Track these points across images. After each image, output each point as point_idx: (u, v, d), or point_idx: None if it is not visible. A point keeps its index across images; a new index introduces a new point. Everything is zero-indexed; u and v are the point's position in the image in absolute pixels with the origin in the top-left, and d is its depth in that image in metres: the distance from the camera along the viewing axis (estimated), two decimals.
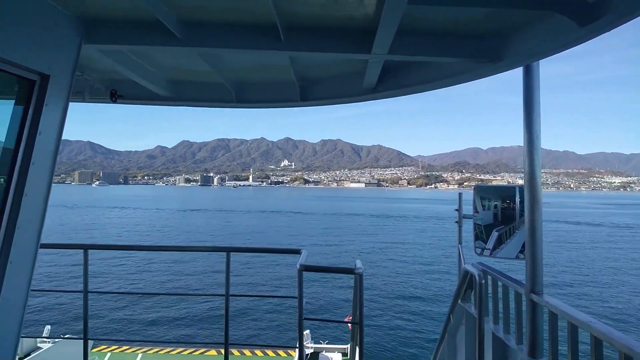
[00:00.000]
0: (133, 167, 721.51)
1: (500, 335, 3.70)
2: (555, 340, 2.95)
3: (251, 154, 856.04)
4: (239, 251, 4.59)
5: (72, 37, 2.75)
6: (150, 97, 4.38)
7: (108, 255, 31.02)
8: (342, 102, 4.38)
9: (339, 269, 4.21)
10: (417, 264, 34.05)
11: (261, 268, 30.75)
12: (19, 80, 2.45)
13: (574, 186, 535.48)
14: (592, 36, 2.22)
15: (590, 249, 43.53)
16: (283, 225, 63.40)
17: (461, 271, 4.55)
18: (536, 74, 3.22)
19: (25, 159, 2.51)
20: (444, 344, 4.91)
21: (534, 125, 3.20)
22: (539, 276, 3.13)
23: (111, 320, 18.89)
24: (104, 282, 25.85)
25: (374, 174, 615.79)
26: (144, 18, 2.77)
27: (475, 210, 4.28)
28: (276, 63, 3.84)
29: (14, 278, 2.53)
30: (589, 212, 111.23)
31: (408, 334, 18.35)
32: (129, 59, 3.54)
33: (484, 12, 2.63)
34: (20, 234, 2.51)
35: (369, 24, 2.73)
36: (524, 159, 3.23)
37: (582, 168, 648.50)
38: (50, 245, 4.52)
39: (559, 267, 32.25)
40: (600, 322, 2.44)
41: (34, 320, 17.72)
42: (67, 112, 2.82)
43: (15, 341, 2.69)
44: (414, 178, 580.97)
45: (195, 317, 19.58)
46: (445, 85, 3.60)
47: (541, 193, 3.20)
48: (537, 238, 3.13)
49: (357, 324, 3.80)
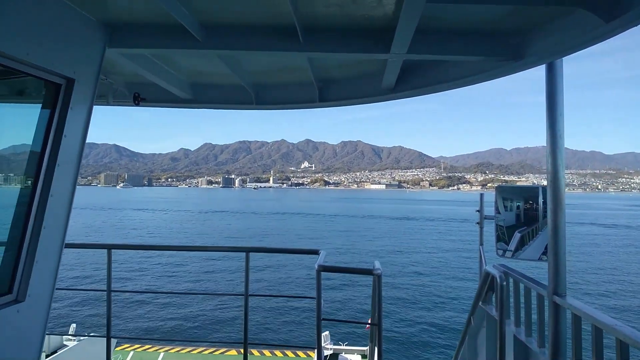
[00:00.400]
0: (157, 170, 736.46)
1: (521, 338, 3.61)
2: (578, 343, 2.86)
3: (272, 156, 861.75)
4: (258, 251, 4.63)
5: (96, 41, 2.84)
6: (171, 100, 4.47)
7: (131, 255, 31.82)
8: (361, 103, 4.37)
9: (357, 270, 4.19)
10: (439, 265, 33.65)
11: (280, 268, 31.00)
12: (46, 84, 2.54)
13: (602, 187, 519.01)
14: (618, 32, 2.17)
15: (627, 254, 41.67)
16: (303, 227, 63.44)
17: (482, 273, 4.47)
18: (559, 71, 3.14)
19: (51, 161, 2.59)
20: (464, 346, 4.82)
21: (557, 124, 3.12)
22: (562, 278, 3.04)
23: (133, 318, 19.34)
24: (127, 281, 26.47)
25: (395, 176, 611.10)
26: (165, 22, 2.83)
27: (497, 211, 4.19)
28: (295, 64, 3.87)
29: (39, 277, 2.62)
30: (621, 213, 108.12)
31: (428, 336, 18.15)
32: (151, 63, 3.63)
33: (505, 9, 2.59)
34: (45, 234, 2.59)
35: (387, 23, 2.72)
36: (547, 158, 3.15)
37: (610, 168, 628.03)
38: (75, 245, 4.64)
39: (595, 273, 30.88)
40: (626, 326, 2.36)
41: (61, 318, 18.28)
42: (92, 115, 2.91)
43: (41, 338, 2.77)
44: (436, 179, 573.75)
45: (215, 316, 19.86)
46: (465, 84, 3.55)
47: (564, 193, 3.12)
48: (559, 239, 3.05)
49: (376, 324, 3.77)
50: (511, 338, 3.72)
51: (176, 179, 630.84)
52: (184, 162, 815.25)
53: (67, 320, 17.21)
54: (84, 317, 18.87)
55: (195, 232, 54.76)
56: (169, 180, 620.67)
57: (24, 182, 2.60)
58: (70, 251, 4.32)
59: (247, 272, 4.25)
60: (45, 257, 2.65)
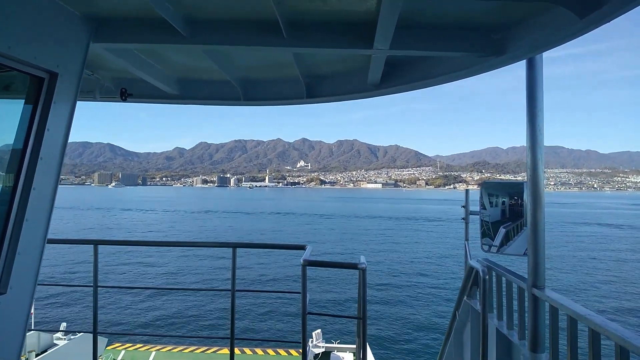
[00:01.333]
0: (152, 169, 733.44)
1: (503, 331, 3.66)
2: (555, 333, 2.92)
3: (267, 155, 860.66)
4: (245, 247, 4.64)
5: (80, 36, 2.84)
6: (159, 96, 4.47)
7: (117, 250, 31.81)
8: (347, 99, 4.40)
9: (342, 264, 4.20)
10: (430, 263, 33.88)
11: (267, 264, 31.23)
12: (29, 78, 2.54)
13: (598, 186, 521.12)
14: (591, 28, 2.22)
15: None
16: (294, 227, 62.97)
17: (466, 268, 4.51)
18: (539, 67, 3.18)
19: (33, 155, 2.59)
20: (450, 340, 4.87)
21: (537, 119, 3.16)
22: (541, 271, 3.10)
23: (121, 314, 19.44)
24: (114, 277, 26.63)
25: (391, 175, 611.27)
26: (150, 17, 2.83)
27: (482, 207, 4.23)
28: (281, 60, 3.89)
29: (22, 270, 2.62)
30: (624, 213, 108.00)
31: (416, 330, 18.34)
32: (137, 58, 3.63)
33: (486, 5, 2.62)
34: (28, 227, 2.60)
35: (370, 18, 2.74)
36: (527, 153, 3.19)
37: (605, 167, 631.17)
38: (61, 240, 4.62)
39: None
40: (598, 315, 2.41)
41: (50, 315, 18.28)
42: (75, 109, 2.91)
43: (23, 330, 2.77)
44: (432, 178, 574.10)
45: (202, 312, 20.01)
46: (448, 80, 3.59)
47: (544, 188, 3.17)
48: (539, 233, 3.10)
49: (361, 318, 3.79)
50: (494, 331, 3.77)
51: (171, 178, 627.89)
52: (179, 161, 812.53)
53: (57, 318, 17.18)
54: (75, 314, 18.90)
55: (182, 232, 54.21)
56: (164, 179, 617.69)
57: (6, 175, 2.60)
58: (56, 247, 4.31)
59: (234, 268, 4.25)
60: (28, 250, 2.65)
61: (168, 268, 30.24)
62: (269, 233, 55.32)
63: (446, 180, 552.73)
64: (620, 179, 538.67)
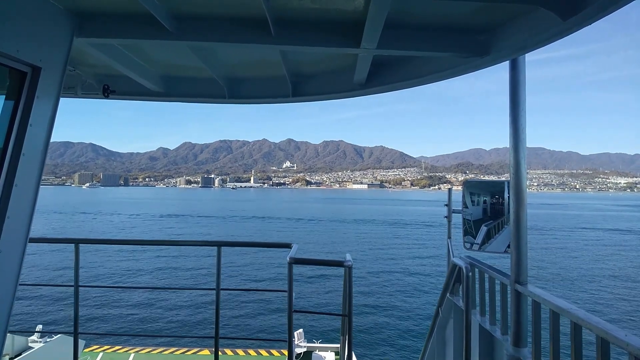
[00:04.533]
0: (135, 169, 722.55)
1: (486, 327, 3.74)
2: (538, 328, 2.99)
3: (253, 156, 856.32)
4: (230, 245, 4.63)
5: (63, 30, 2.79)
6: (142, 93, 4.42)
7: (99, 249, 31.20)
8: (333, 98, 4.41)
9: (328, 262, 4.23)
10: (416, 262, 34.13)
11: (253, 263, 31.01)
12: (11, 72, 2.50)
13: (580, 187, 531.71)
14: (575, 29, 2.26)
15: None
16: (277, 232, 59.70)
17: (449, 265, 4.59)
18: (522, 68, 3.26)
19: (15, 150, 2.54)
20: (433, 337, 4.94)
21: (520, 119, 3.23)
22: (524, 267, 3.17)
23: (102, 315, 19.00)
24: (95, 277, 26.10)
25: (377, 175, 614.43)
26: (135, 11, 2.81)
27: (464, 206, 4.31)
28: (268, 58, 3.88)
29: (3, 269, 2.56)
30: (616, 215, 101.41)
31: (399, 328, 18.50)
32: (121, 54, 3.58)
33: (472, 6, 2.66)
34: (9, 224, 2.54)
35: (358, 17, 2.76)
36: (510, 152, 3.26)
37: (586, 169, 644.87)
38: (41, 239, 4.52)
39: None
40: (580, 309, 2.48)
41: (26, 315, 17.80)
42: (59, 104, 2.87)
43: (3, 331, 2.71)
44: (417, 179, 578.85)
45: (186, 311, 19.74)
46: (434, 80, 3.63)
47: (526, 186, 3.24)
48: (521, 229, 3.17)
49: (346, 316, 3.82)
50: (477, 327, 3.84)
51: (154, 178, 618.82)
52: (162, 161, 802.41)
53: (33, 319, 16.74)
54: (52, 315, 18.44)
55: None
56: (147, 180, 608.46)
57: None
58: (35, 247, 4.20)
59: (218, 267, 4.23)
60: (9, 248, 2.58)
61: (151, 267, 29.74)
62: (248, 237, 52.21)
63: (431, 181, 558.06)
64: (600, 180, 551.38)
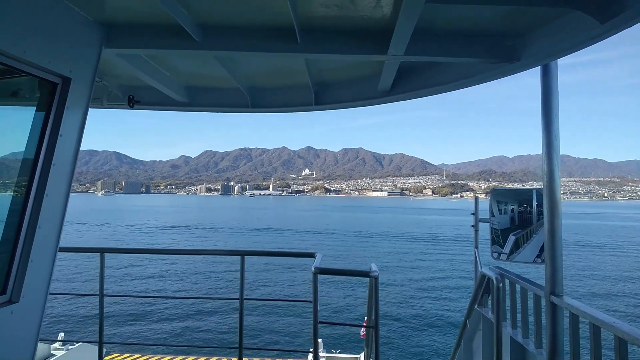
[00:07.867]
0: (157, 177, 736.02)
1: (518, 340, 3.60)
2: (576, 342, 2.86)
3: (272, 163, 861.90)
4: (254, 254, 4.61)
5: (93, 41, 2.86)
6: (166, 103, 4.49)
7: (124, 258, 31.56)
8: (356, 106, 4.39)
9: (354, 272, 4.17)
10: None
11: (276, 272, 30.90)
12: (42, 83, 2.56)
13: (609, 195, 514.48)
14: (612, 32, 2.20)
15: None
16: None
17: (477, 275, 4.46)
18: (554, 73, 3.16)
19: (46, 161, 2.60)
20: (460, 350, 4.80)
21: (553, 125, 3.14)
22: (559, 278, 3.05)
23: (126, 323, 19.25)
24: (120, 285, 26.43)
25: (397, 183, 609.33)
26: (163, 22, 2.86)
27: (491, 214, 4.20)
28: (292, 67, 3.89)
29: (34, 278, 2.60)
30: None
31: (425, 340, 18.06)
32: (147, 64, 3.65)
33: (502, 11, 2.61)
34: (40, 234, 2.59)
35: (385, 24, 2.74)
36: (543, 159, 3.16)
37: (614, 176, 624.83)
38: (67, 249, 4.59)
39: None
40: (625, 323, 2.36)
41: (51, 324, 18.08)
42: (88, 115, 2.93)
43: (35, 339, 2.75)
44: (439, 187, 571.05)
45: (210, 321, 19.81)
46: (461, 86, 3.57)
47: (560, 194, 3.13)
48: (556, 239, 3.05)
49: (373, 327, 3.74)
50: (508, 340, 3.71)
51: (175, 186, 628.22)
52: (184, 169, 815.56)
53: (58, 327, 17.01)
54: (75, 323, 18.73)
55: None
56: (169, 187, 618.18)
57: (19, 181, 2.60)
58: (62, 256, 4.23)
59: (242, 276, 4.22)
60: (40, 257, 2.63)
61: (175, 276, 30.04)
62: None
63: (453, 188, 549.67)
64: (630, 188, 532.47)
